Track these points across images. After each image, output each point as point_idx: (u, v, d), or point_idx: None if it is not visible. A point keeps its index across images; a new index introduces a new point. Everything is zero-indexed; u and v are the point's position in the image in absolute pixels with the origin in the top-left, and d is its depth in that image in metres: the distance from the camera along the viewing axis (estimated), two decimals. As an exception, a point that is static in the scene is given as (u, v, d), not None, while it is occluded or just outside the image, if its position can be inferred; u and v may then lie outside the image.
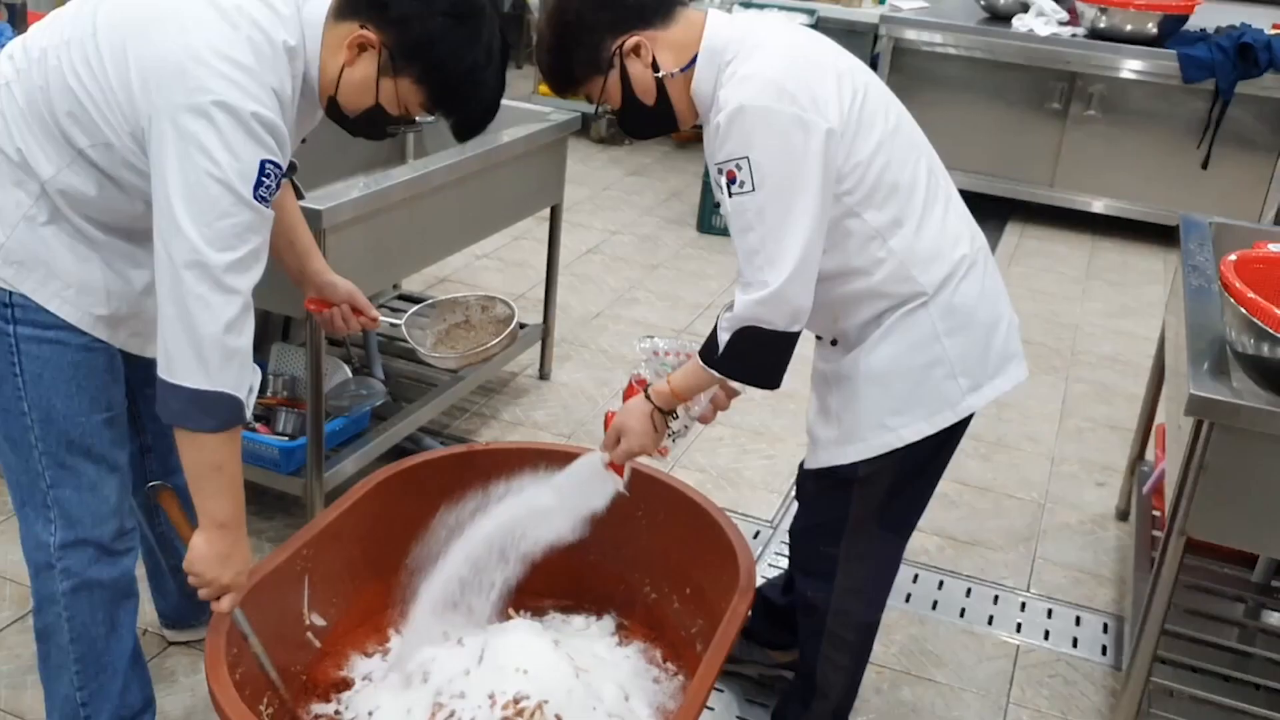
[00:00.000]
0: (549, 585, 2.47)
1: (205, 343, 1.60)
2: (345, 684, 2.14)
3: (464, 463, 2.41)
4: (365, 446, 2.81)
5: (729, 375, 1.89)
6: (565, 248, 4.82)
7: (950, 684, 2.52)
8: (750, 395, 3.71)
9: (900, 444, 1.91)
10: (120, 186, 1.71)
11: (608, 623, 2.41)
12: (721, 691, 2.44)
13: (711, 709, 2.39)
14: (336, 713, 2.07)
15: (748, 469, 3.32)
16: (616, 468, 2.08)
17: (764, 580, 2.56)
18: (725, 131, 1.72)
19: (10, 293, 1.72)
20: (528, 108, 3.54)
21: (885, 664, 2.56)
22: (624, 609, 2.44)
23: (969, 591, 2.86)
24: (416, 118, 1.75)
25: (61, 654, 1.91)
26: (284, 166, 1.65)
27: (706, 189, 5.26)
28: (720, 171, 1.75)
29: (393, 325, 2.26)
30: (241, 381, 1.67)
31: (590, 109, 1.92)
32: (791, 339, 1.82)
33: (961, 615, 2.77)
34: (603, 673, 2.20)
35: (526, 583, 2.47)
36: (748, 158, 1.71)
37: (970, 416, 1.95)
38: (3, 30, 2.85)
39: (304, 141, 1.88)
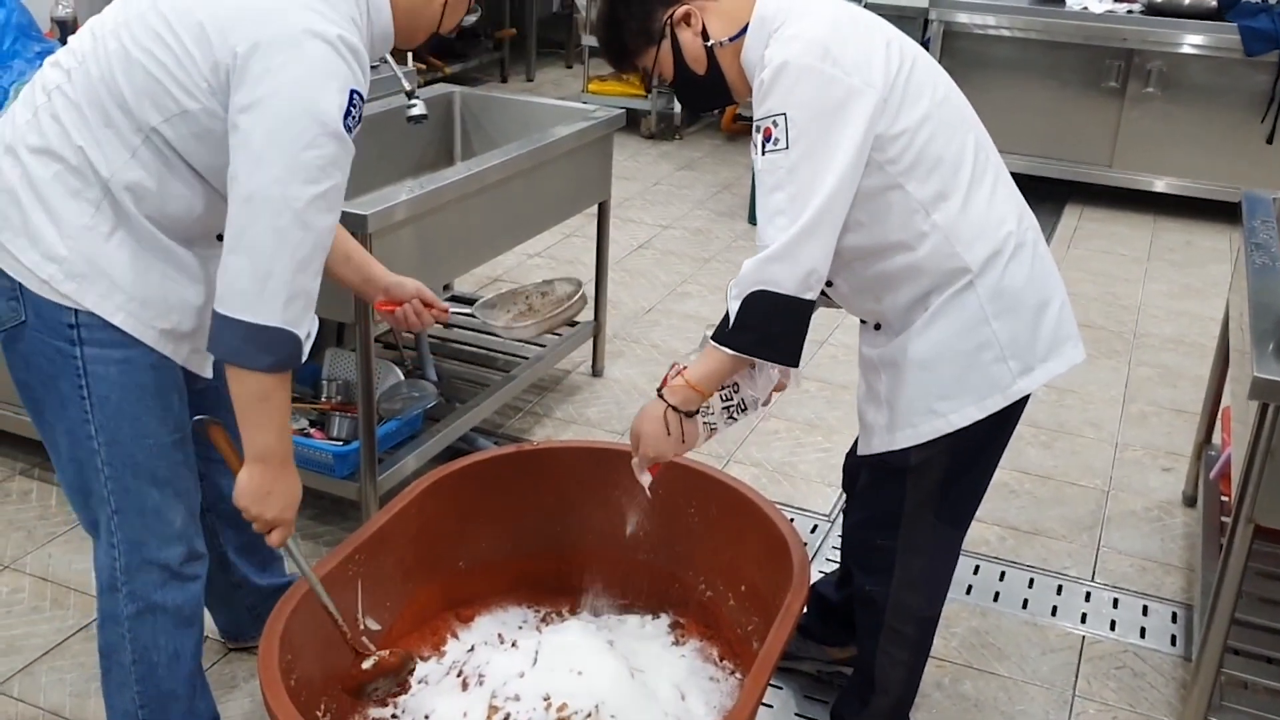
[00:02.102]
0: (603, 585, 2.47)
1: (274, 278, 1.58)
2: (402, 688, 2.14)
3: (516, 462, 2.41)
4: (419, 448, 2.82)
5: (741, 349, 1.79)
6: (616, 244, 4.82)
7: (1013, 677, 2.48)
8: (805, 388, 3.69)
9: (950, 429, 1.86)
10: (183, 177, 1.70)
11: (663, 622, 2.40)
12: (780, 689, 2.42)
13: (769, 706, 2.37)
14: (394, 716, 2.08)
15: (803, 462, 3.29)
16: (652, 470, 2.03)
17: (819, 576, 2.54)
18: (767, 87, 1.70)
19: (76, 312, 1.70)
20: (574, 106, 3.54)
21: (946, 657, 2.52)
22: (679, 607, 2.43)
23: (1031, 582, 2.80)
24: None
25: (123, 672, 1.92)
26: (365, 98, 1.65)
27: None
28: (758, 129, 1.72)
29: (466, 315, 2.30)
30: (303, 320, 1.64)
31: (638, 106, 1.93)
32: (804, 307, 1.74)
33: (1024, 607, 2.71)
34: (658, 673, 2.19)
35: (580, 583, 2.49)
36: (785, 114, 1.68)
37: (1024, 402, 1.90)
38: (52, 48, 2.89)
39: None
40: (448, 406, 3.03)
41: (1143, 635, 2.63)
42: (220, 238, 1.68)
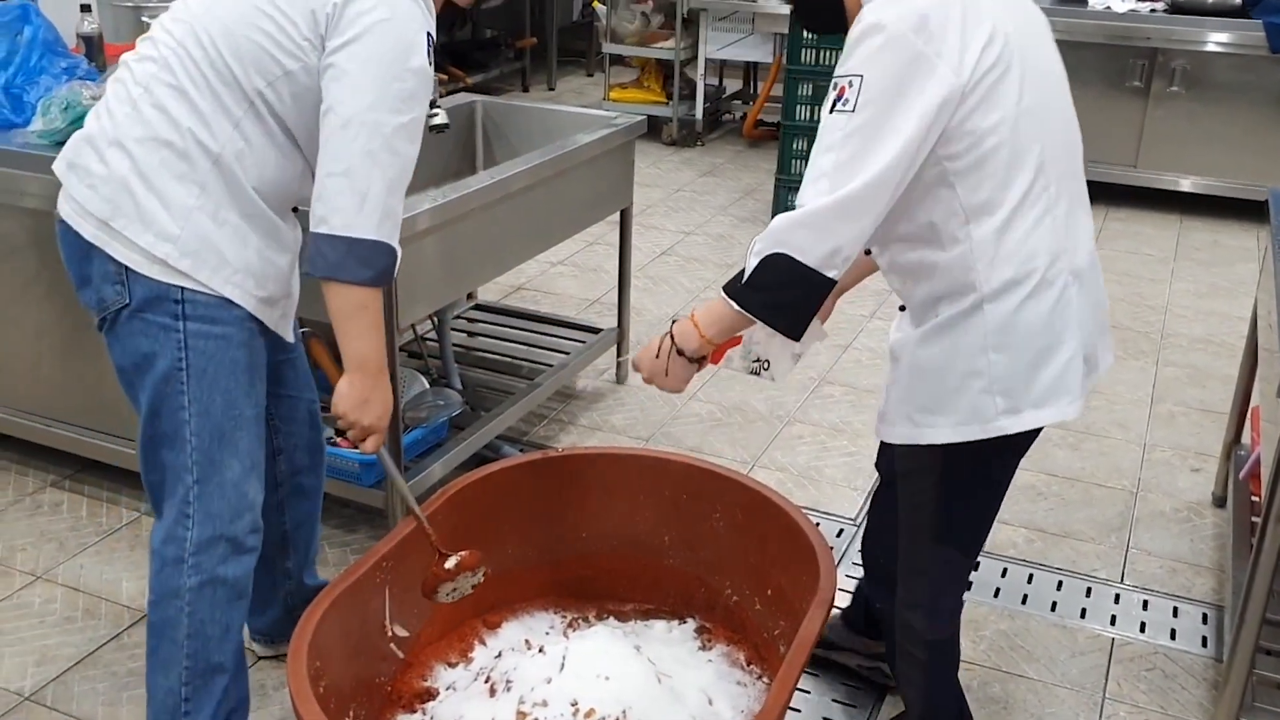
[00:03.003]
0: (629, 590, 2.47)
1: (370, 196, 1.77)
2: (430, 694, 2.16)
3: (540, 469, 2.42)
4: (445, 455, 2.83)
5: (747, 307, 1.69)
6: (639, 251, 4.83)
7: (1043, 680, 2.46)
8: (829, 392, 3.69)
9: (922, 441, 1.79)
10: (280, 145, 1.87)
11: (689, 627, 2.40)
12: (808, 693, 2.41)
13: (798, 710, 2.36)
14: (422, 721, 2.09)
15: (829, 467, 3.28)
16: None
17: (846, 579, 2.53)
18: (854, 44, 1.62)
19: (182, 289, 1.84)
20: (596, 113, 3.56)
21: (975, 661, 2.51)
22: (705, 612, 2.43)
23: (1060, 584, 2.79)
24: None
25: (174, 649, 1.96)
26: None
27: (780, 186, 5.22)
28: (834, 86, 1.63)
29: None
30: (394, 237, 1.83)
31: (659, 113, 1.95)
32: (822, 283, 1.63)
33: (1053, 609, 2.70)
34: (685, 678, 2.19)
35: (607, 588, 2.50)
36: (862, 76, 1.59)
37: (1027, 440, 1.81)
38: (78, 64, 2.93)
39: None
40: (473, 415, 3.04)
41: (1173, 637, 2.61)
42: (296, 210, 1.95)
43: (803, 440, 3.42)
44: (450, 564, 2.09)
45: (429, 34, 1.83)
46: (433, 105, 2.89)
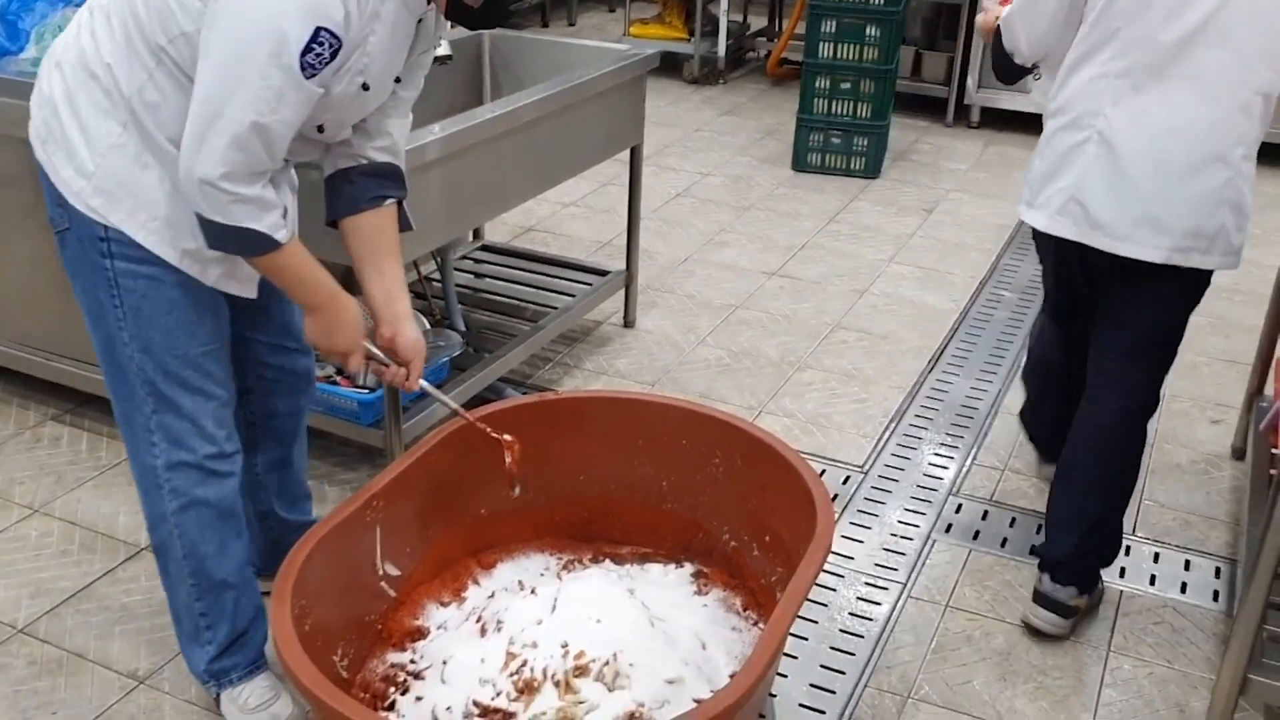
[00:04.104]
0: (626, 534, 2.44)
1: (213, 186, 1.64)
2: (420, 633, 2.13)
3: (541, 411, 2.37)
4: (449, 394, 2.78)
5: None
6: (653, 192, 4.75)
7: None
8: (843, 337, 3.62)
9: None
10: None
11: (686, 571, 2.36)
12: (805, 640, 2.37)
13: (794, 657, 2.33)
14: (411, 661, 2.07)
15: (838, 413, 3.23)
16: None
17: (850, 526, 2.47)
18: None
19: (106, 226, 1.77)
20: (607, 46, 3.47)
21: (979, 611, 2.46)
22: (703, 557, 2.39)
23: (1070, 536, 2.73)
24: None
25: (177, 567, 1.99)
26: (342, 40, 1.63)
27: (801, 125, 5.12)
28: None
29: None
30: (260, 217, 1.70)
31: (680, 49, 1.91)
32: (1008, 59, 2.34)
33: (1061, 561, 2.64)
34: (679, 621, 2.16)
35: (603, 531, 2.46)
36: None
37: (1039, 236, 2.30)
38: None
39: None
40: (475, 356, 3.00)
41: (1183, 590, 2.55)
42: None
43: (812, 386, 3.36)
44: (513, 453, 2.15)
45: (320, 29, 1.58)
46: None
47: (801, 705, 2.21)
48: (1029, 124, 5.66)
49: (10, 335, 2.99)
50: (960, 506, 2.83)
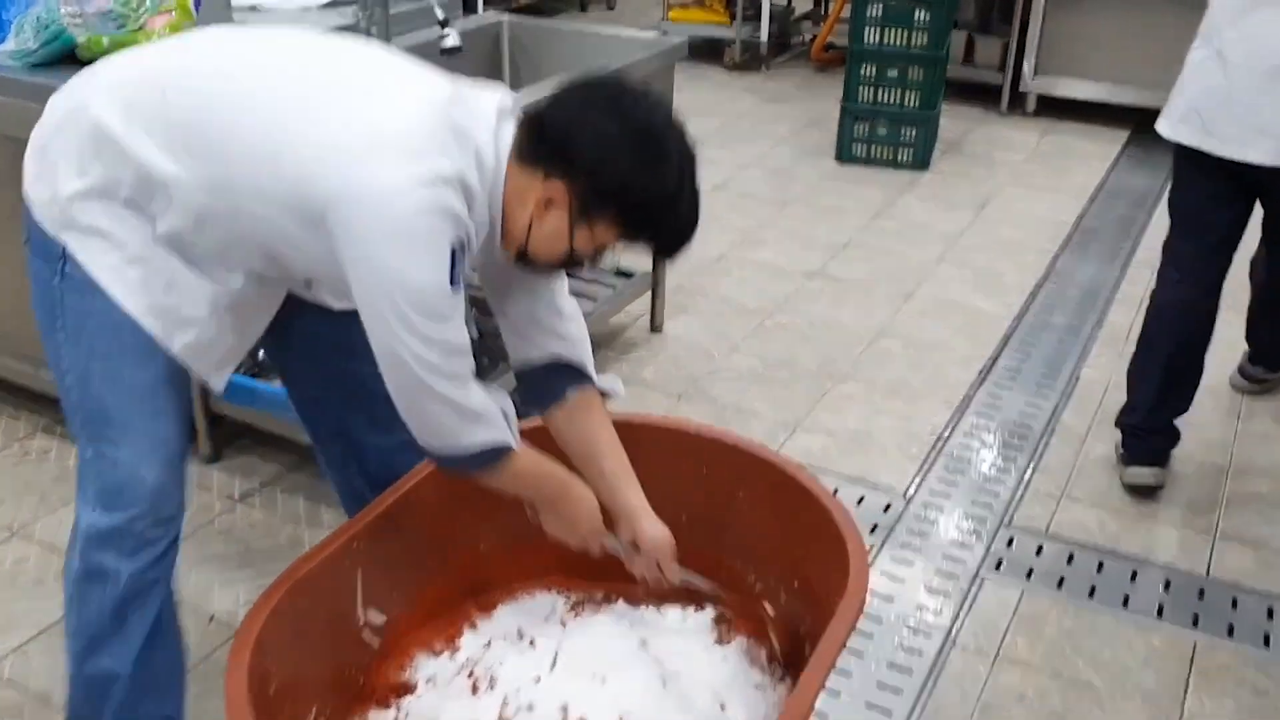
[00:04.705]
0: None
1: (420, 417, 1.62)
2: (407, 688, 1.92)
3: (545, 437, 2.15)
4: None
5: None
6: (689, 185, 4.51)
7: (1108, 690, 2.16)
8: (886, 346, 3.37)
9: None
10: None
11: (706, 615, 2.13)
12: (838, 697, 2.14)
13: (824, 717, 2.10)
14: (396, 720, 1.86)
15: (880, 431, 2.98)
16: None
17: (885, 563, 2.24)
18: None
19: (63, 247, 1.58)
20: (633, 35, 3.25)
21: (1032, 664, 2.22)
22: (726, 600, 2.17)
23: (1134, 575, 2.47)
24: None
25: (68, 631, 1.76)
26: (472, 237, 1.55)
27: (846, 115, 4.85)
28: None
29: None
30: (463, 434, 1.64)
31: (721, 35, 1.73)
32: None
33: (1125, 604, 2.39)
34: (696, 676, 1.93)
35: (618, 567, 2.24)
36: None
37: (1205, 162, 2.48)
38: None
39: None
40: (484, 367, 2.78)
41: (1266, 643, 2.28)
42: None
43: (853, 401, 3.11)
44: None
45: (454, 250, 1.49)
46: (445, 25, 2.61)
47: (832, 773, 1.99)
48: (1088, 112, 5.35)
49: (2, 344, 2.83)
50: (1012, 540, 2.58)
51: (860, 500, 2.69)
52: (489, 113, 1.55)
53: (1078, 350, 3.39)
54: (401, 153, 1.45)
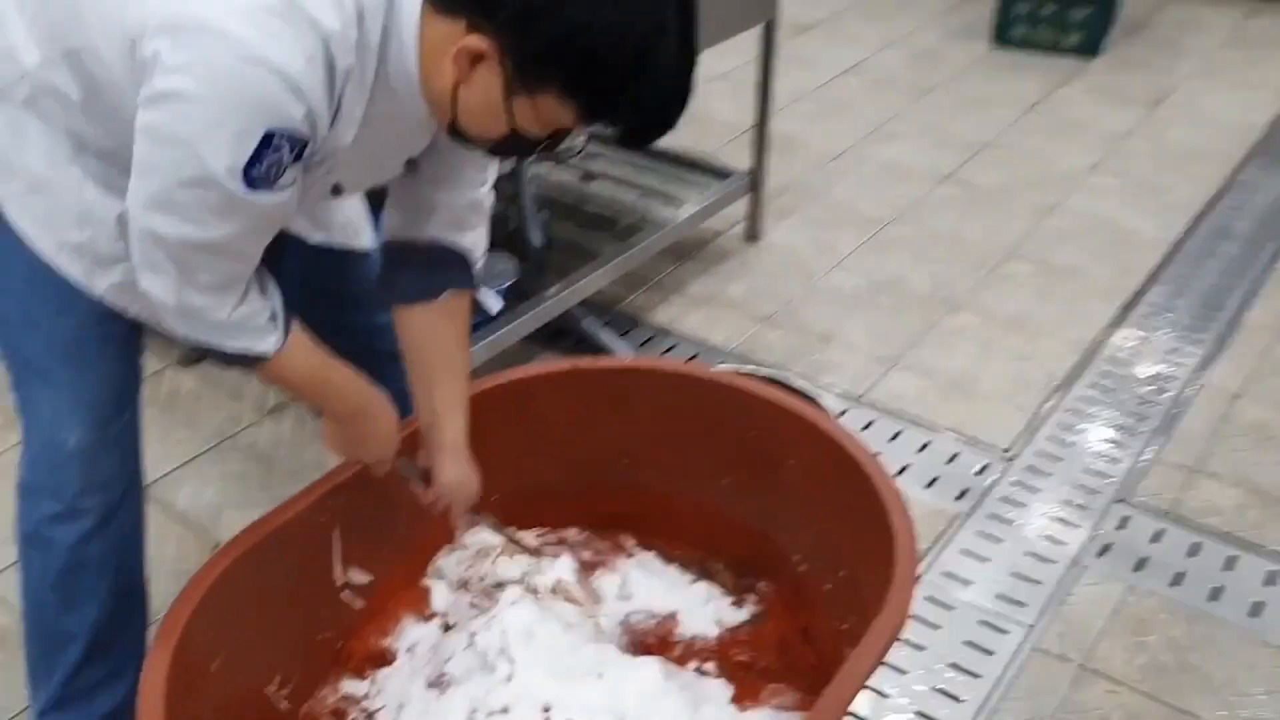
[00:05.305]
0: (677, 532, 1.96)
1: (160, 303, 1.28)
2: (385, 657, 1.74)
3: (574, 380, 1.90)
4: (492, 335, 2.33)
5: None
6: (820, 66, 4.08)
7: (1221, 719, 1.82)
8: (1012, 270, 2.95)
9: None
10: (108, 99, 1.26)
11: (726, 692, 1.83)
12: (886, 697, 1.87)
13: (866, 724, 1.83)
14: (366, 696, 1.68)
15: (989, 374, 2.60)
16: None
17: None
18: None
19: None
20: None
21: (1125, 680, 1.88)
22: (769, 576, 1.90)
23: (1274, 577, 2.08)
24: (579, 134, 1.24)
25: (21, 591, 1.61)
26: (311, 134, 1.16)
27: (1006, -9, 4.29)
28: None
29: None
30: (234, 334, 1.31)
31: None
32: None
33: (1254, 613, 2.01)
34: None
35: (652, 525, 1.99)
36: None
37: None
38: None
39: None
40: (540, 279, 2.51)
41: None
42: None
43: (964, 335, 2.73)
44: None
45: (271, 133, 1.11)
46: None
47: (862, 796, 1.73)
48: (1305, -7, 4.61)
49: None
50: (1127, 520, 2.21)
51: (953, 458, 2.36)
52: None
53: (1244, 288, 2.90)
54: None
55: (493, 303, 1.70)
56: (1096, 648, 1.95)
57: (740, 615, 1.84)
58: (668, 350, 2.66)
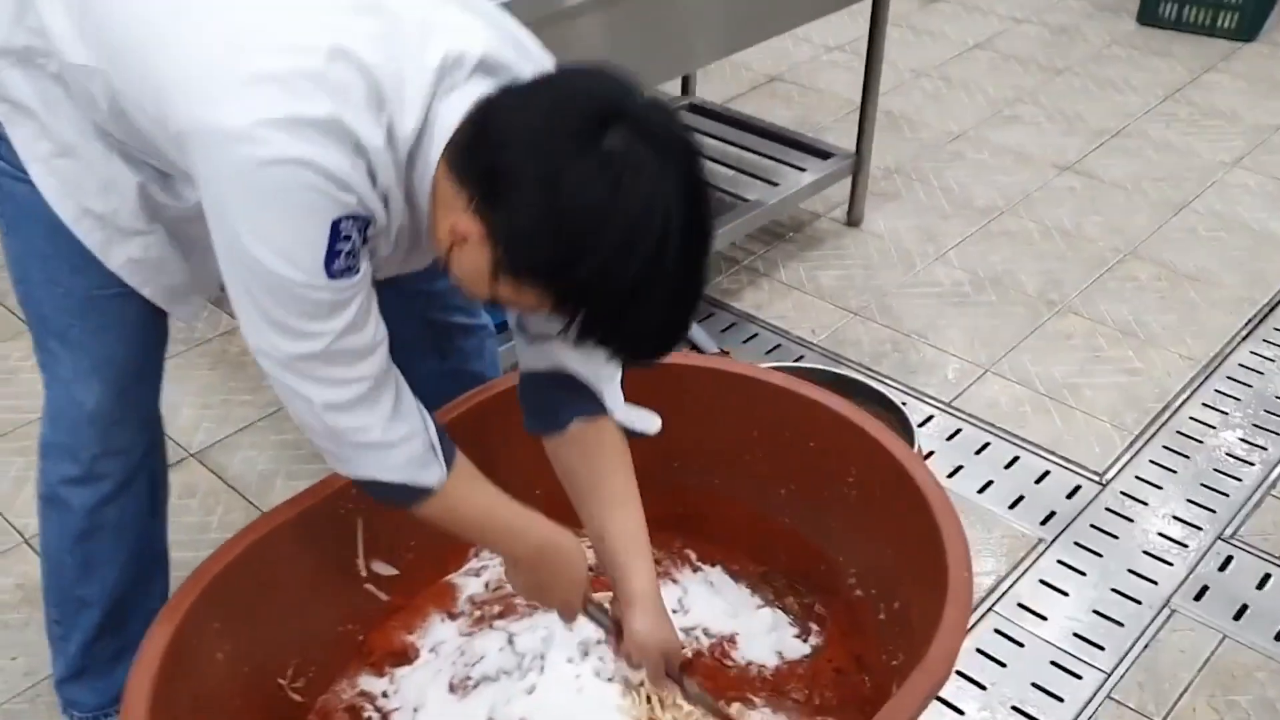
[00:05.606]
0: (730, 538, 1.85)
1: (313, 432, 1.25)
2: (407, 655, 1.67)
3: (627, 377, 1.79)
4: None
5: None
6: (944, 39, 3.87)
7: (1310, 803, 1.64)
8: (1134, 273, 2.74)
9: None
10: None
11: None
12: (936, 741, 1.73)
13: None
14: (384, 694, 1.62)
15: (1092, 386, 2.41)
16: None
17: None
18: None
19: None
20: None
21: (1209, 743, 1.72)
22: (822, 595, 1.78)
23: (1392, 639, 1.88)
24: None
25: (41, 552, 1.61)
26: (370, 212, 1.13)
27: (1158, -35, 3.97)
28: None
29: None
30: (385, 465, 1.26)
31: None
32: None
33: (1367, 680, 1.82)
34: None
35: (700, 528, 1.89)
36: None
37: None
38: None
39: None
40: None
41: None
42: None
43: (1070, 341, 2.54)
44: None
45: (338, 221, 1.08)
46: None
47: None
48: None
49: None
50: (1230, 560, 2.02)
51: (1042, 477, 2.19)
52: (430, 60, 1.10)
53: (1393, 306, 2.64)
54: (254, 79, 1.05)
55: (650, 426, 1.55)
56: (1180, 703, 1.77)
57: (803, 649, 1.71)
58: (748, 340, 2.53)
